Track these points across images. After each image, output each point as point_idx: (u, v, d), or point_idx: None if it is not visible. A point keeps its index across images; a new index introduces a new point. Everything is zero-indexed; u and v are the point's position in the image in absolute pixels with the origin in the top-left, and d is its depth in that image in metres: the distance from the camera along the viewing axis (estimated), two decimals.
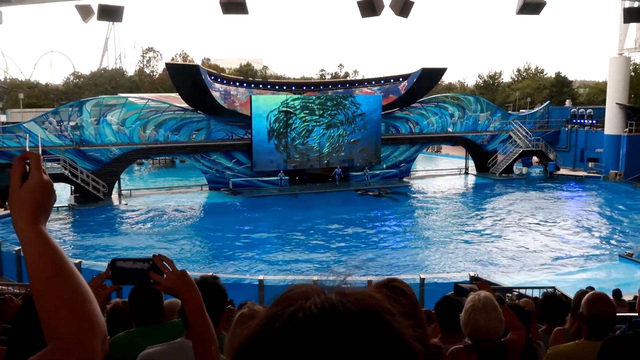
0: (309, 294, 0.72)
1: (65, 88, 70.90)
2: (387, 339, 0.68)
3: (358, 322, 0.67)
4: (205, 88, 34.96)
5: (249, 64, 76.18)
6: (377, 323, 0.69)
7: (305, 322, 0.68)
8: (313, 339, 0.65)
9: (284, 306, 0.71)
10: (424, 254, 23.48)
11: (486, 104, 45.30)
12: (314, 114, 38.11)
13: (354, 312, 0.68)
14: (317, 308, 0.69)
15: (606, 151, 42.14)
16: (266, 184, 37.26)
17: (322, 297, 0.71)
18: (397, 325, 0.71)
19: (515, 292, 12.96)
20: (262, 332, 0.70)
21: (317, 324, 0.67)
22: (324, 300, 0.70)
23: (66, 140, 33.47)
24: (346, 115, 38.85)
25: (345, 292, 0.72)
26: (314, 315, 0.68)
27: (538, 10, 16.17)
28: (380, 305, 0.72)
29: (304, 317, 0.68)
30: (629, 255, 22.45)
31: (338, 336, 0.65)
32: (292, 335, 0.67)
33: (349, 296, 0.71)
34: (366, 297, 0.72)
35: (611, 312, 3.43)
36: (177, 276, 2.01)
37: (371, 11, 15.75)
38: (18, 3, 15.97)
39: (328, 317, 0.68)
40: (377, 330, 0.68)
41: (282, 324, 0.69)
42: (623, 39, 41.74)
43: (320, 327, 0.67)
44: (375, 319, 0.69)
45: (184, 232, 26.90)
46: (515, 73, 78.31)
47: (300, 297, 0.72)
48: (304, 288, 0.75)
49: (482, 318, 3.18)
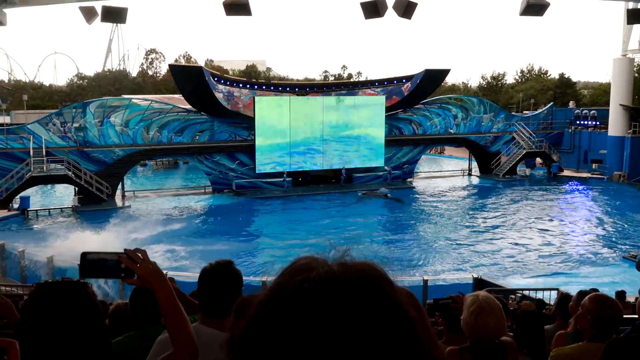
0: (313, 266, 0.78)
1: (69, 89, 71.01)
2: (384, 306, 0.73)
3: (358, 291, 0.73)
4: (209, 89, 34.99)
5: (253, 65, 76.21)
6: (376, 292, 0.74)
7: (310, 291, 0.73)
8: (317, 308, 0.71)
9: (290, 277, 0.77)
10: (427, 256, 23.45)
11: (489, 105, 45.22)
12: (317, 116, 38.11)
13: (354, 282, 0.74)
14: (321, 278, 0.75)
15: (610, 152, 42.03)
16: (269, 185, 37.28)
17: (326, 268, 0.77)
18: (394, 294, 0.76)
19: (518, 294, 12.95)
20: (270, 300, 0.76)
21: (320, 293, 0.73)
22: (327, 270, 0.76)
23: (70, 142, 33.54)
24: (350, 116, 38.84)
25: (347, 263, 0.78)
26: (318, 285, 0.74)
27: (541, 12, 16.15)
28: (379, 275, 0.78)
29: (309, 287, 0.74)
30: (632, 256, 22.39)
31: (340, 304, 0.71)
32: (298, 304, 0.73)
33: (350, 267, 0.77)
34: (366, 268, 0.78)
35: (616, 314, 3.40)
36: (150, 266, 2.08)
37: (374, 13, 15.76)
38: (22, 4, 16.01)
39: (331, 287, 0.73)
40: (375, 298, 0.73)
41: (289, 293, 0.74)
42: (627, 40, 41.64)
43: (323, 296, 0.72)
44: (374, 288, 0.75)
45: (186, 234, 26.90)
46: (518, 74, 78.15)
47: (305, 269, 0.77)
48: (308, 260, 0.80)
49: (490, 320, 3.11)
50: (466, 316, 3.21)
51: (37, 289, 1.81)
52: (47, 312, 1.73)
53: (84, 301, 1.79)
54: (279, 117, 37.03)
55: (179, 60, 72.18)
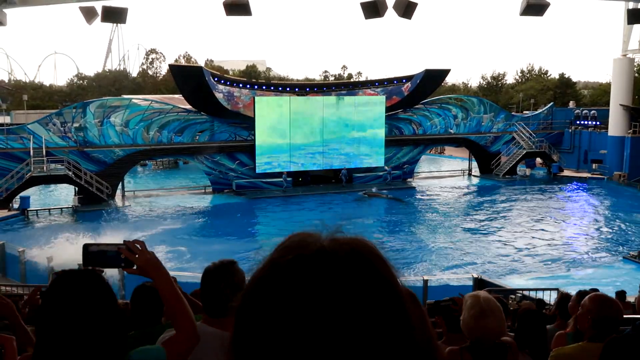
0: (307, 242, 0.81)
1: (69, 89, 70.96)
2: (372, 280, 0.77)
3: (349, 265, 0.77)
4: (209, 89, 35.00)
5: (253, 65, 76.18)
6: (366, 266, 0.78)
7: (304, 266, 0.77)
8: (311, 282, 0.75)
9: (285, 253, 0.80)
10: (427, 256, 23.45)
11: (490, 105, 45.22)
12: (317, 116, 38.13)
13: (346, 256, 0.78)
14: (314, 254, 0.79)
15: (610, 152, 42.02)
16: (269, 185, 37.29)
17: (318, 244, 0.80)
18: (384, 268, 0.80)
19: (518, 294, 12.94)
20: (265, 276, 0.79)
21: (314, 268, 0.76)
22: (320, 246, 0.80)
23: (70, 142, 33.54)
24: (349, 116, 38.86)
25: (338, 239, 0.82)
26: (312, 260, 0.77)
27: (542, 12, 16.14)
28: (369, 250, 0.82)
29: (303, 262, 0.77)
30: (632, 256, 22.41)
31: (332, 278, 0.75)
32: (293, 278, 0.76)
33: (341, 242, 0.81)
34: (357, 243, 0.82)
35: (616, 314, 3.39)
36: (149, 256, 2.20)
37: (374, 13, 15.76)
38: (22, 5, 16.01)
39: (324, 262, 0.77)
40: (364, 272, 0.77)
41: (283, 268, 0.78)
42: (627, 40, 41.62)
43: (316, 270, 0.76)
44: (364, 262, 0.78)
45: (187, 234, 26.91)
46: (518, 74, 78.10)
47: (298, 245, 0.81)
48: (302, 236, 0.84)
49: (490, 322, 3.10)
50: (466, 318, 3.20)
51: (59, 276, 1.93)
52: (69, 297, 1.86)
53: (101, 288, 1.92)
54: (279, 117, 37.03)
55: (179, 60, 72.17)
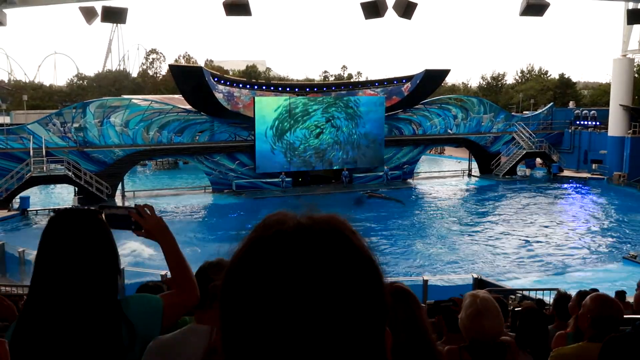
0: (284, 219, 0.85)
1: (69, 90, 70.94)
2: (347, 252, 0.82)
3: (325, 238, 0.82)
4: (209, 89, 35.00)
5: (253, 65, 76.19)
6: (340, 238, 0.83)
7: (282, 242, 0.81)
8: (290, 256, 0.79)
9: (264, 230, 0.85)
10: (427, 256, 23.46)
11: (489, 106, 45.22)
12: (317, 116, 38.15)
13: (321, 231, 0.83)
14: (292, 230, 0.83)
15: (610, 153, 42.02)
16: (269, 185, 37.30)
17: (295, 221, 0.84)
18: (357, 242, 0.85)
19: (518, 294, 12.94)
20: (245, 253, 0.83)
21: (292, 243, 0.81)
22: (297, 222, 0.84)
23: (70, 142, 33.55)
24: (349, 116, 38.88)
25: (314, 216, 0.87)
26: (290, 236, 0.82)
27: (541, 12, 16.15)
28: (343, 225, 0.86)
29: (282, 238, 0.82)
30: (632, 257, 22.41)
31: (311, 252, 0.80)
32: (272, 254, 0.80)
33: (317, 219, 0.86)
34: (331, 219, 0.87)
35: (616, 314, 3.39)
36: (156, 220, 2.32)
37: (374, 13, 15.76)
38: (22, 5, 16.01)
39: (302, 236, 0.82)
40: (339, 243, 0.82)
41: (264, 244, 0.82)
42: (627, 41, 41.63)
43: (295, 244, 0.80)
44: (339, 235, 0.84)
45: (186, 234, 26.88)
46: (518, 74, 78.11)
47: (276, 222, 0.85)
48: (279, 215, 0.88)
49: (487, 323, 3.10)
50: (463, 317, 3.20)
51: (57, 213, 2.04)
52: (66, 234, 1.97)
53: (98, 227, 2.05)
54: (279, 117, 37.03)
55: (179, 60, 72.17)
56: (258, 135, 36.66)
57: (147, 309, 2.18)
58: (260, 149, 36.80)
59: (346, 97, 39.28)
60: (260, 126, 36.61)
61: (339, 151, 39.08)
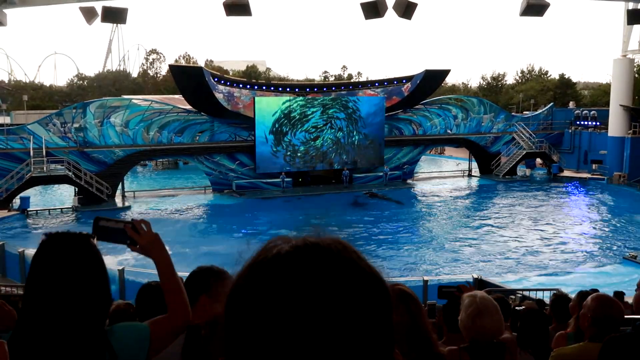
0: (285, 242, 0.84)
1: (69, 90, 70.97)
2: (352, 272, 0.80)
3: (325, 260, 0.80)
4: (209, 90, 34.99)
5: (253, 65, 76.20)
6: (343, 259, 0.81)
7: (282, 265, 0.79)
8: (290, 280, 0.77)
9: (263, 254, 0.83)
10: (427, 256, 23.46)
11: (490, 106, 45.21)
12: (317, 116, 38.14)
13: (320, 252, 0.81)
14: (292, 252, 0.81)
15: (610, 153, 42.02)
16: (269, 185, 37.29)
17: (295, 243, 0.83)
18: (361, 261, 0.84)
19: (518, 294, 12.93)
20: (245, 278, 0.81)
21: (292, 266, 0.79)
22: (297, 245, 0.82)
23: (70, 142, 33.54)
24: (349, 117, 38.88)
25: (314, 238, 0.85)
26: (290, 258, 0.80)
27: (542, 12, 16.14)
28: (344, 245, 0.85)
29: (281, 261, 0.80)
30: (632, 257, 22.40)
31: (311, 274, 0.77)
32: (273, 278, 0.78)
33: (318, 241, 0.83)
34: (332, 240, 0.85)
35: (617, 314, 3.39)
36: (152, 237, 2.26)
37: (374, 13, 15.75)
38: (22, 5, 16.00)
39: (301, 259, 0.79)
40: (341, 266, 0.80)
41: (263, 269, 0.80)
42: (627, 41, 41.62)
43: (295, 268, 0.78)
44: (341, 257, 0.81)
45: (186, 234, 26.91)
46: (519, 75, 78.18)
47: (276, 246, 0.84)
48: (280, 239, 0.86)
49: (487, 322, 3.12)
50: (463, 317, 3.21)
51: (48, 237, 1.97)
52: (56, 259, 1.91)
53: (89, 252, 1.97)
54: (279, 117, 37.02)
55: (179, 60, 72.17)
56: (258, 136, 36.65)
57: (133, 339, 2.13)
58: (261, 149, 36.79)
59: (346, 97, 39.28)
60: (261, 126, 36.60)
61: (339, 151, 39.06)
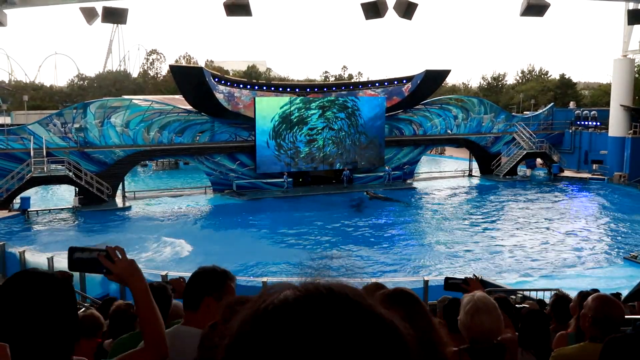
0: (285, 289, 0.78)
1: (69, 90, 70.98)
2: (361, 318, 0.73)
3: (331, 306, 0.74)
4: (209, 90, 35.00)
5: (254, 66, 76.20)
6: (349, 304, 0.75)
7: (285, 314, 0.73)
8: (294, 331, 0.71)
9: (264, 302, 0.77)
10: (428, 256, 23.46)
11: (490, 106, 45.22)
12: (317, 116, 38.14)
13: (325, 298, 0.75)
14: (294, 298, 0.75)
15: (610, 153, 42.03)
16: (270, 185, 37.30)
17: (298, 290, 0.77)
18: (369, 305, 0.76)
19: (519, 294, 12.92)
20: (245, 328, 0.75)
21: (295, 315, 0.72)
22: (299, 293, 0.76)
23: (70, 142, 33.55)
24: (350, 117, 38.88)
25: (316, 284, 0.78)
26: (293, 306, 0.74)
27: (542, 12, 16.13)
28: (350, 290, 0.78)
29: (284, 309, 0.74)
30: (633, 257, 22.40)
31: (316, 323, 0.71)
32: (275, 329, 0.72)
33: (320, 287, 0.77)
34: (335, 285, 0.78)
35: (618, 314, 3.39)
36: (126, 264, 2.19)
37: (375, 13, 15.74)
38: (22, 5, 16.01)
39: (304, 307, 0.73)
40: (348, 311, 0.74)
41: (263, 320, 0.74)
42: (627, 41, 41.64)
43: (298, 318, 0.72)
44: (347, 301, 0.75)
45: (187, 234, 26.89)
46: (519, 75, 78.22)
47: (277, 293, 0.78)
48: (281, 285, 0.80)
49: (486, 319, 3.11)
50: (462, 317, 3.21)
51: (14, 275, 1.85)
52: (16, 298, 1.77)
53: (55, 293, 1.81)
54: (280, 117, 37.03)
55: (180, 61, 72.21)
56: (258, 136, 36.65)
57: None
58: (261, 150, 36.79)
59: (347, 97, 39.28)
60: (261, 126, 36.60)
61: (340, 151, 39.06)
